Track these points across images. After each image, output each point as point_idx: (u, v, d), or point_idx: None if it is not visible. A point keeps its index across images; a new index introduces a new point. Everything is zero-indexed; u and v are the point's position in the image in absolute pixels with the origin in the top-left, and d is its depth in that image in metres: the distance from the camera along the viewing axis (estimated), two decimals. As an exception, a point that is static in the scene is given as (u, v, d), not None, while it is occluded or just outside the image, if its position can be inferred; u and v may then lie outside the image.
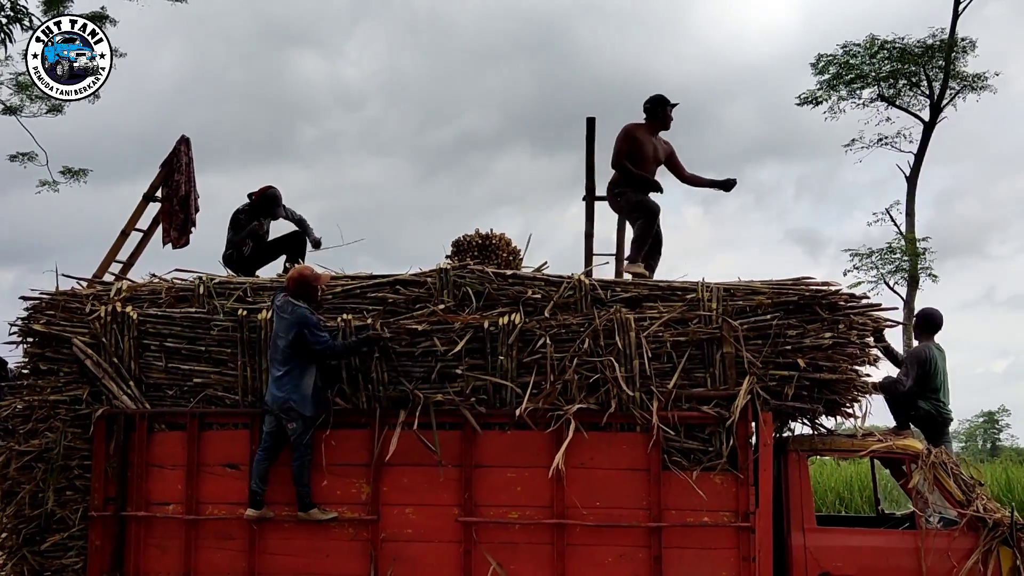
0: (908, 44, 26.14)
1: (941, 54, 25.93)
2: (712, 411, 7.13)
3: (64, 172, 22.50)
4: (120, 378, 7.68)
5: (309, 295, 7.40)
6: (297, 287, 7.40)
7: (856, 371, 7.25)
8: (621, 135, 8.41)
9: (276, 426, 7.31)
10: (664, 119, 8.57)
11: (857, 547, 7.15)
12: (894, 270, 27.75)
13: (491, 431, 7.36)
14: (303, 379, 7.24)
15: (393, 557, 7.32)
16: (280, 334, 7.25)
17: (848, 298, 7.34)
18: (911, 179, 27.39)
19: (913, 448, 7.31)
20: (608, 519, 7.17)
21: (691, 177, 8.78)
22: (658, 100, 8.54)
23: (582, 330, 7.28)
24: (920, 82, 26.83)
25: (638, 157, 8.46)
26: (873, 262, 27.97)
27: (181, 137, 9.04)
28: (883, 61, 26.43)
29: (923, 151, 27.29)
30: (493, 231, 9.01)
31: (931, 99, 26.90)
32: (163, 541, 7.55)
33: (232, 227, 8.86)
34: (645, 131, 8.51)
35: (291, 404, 7.18)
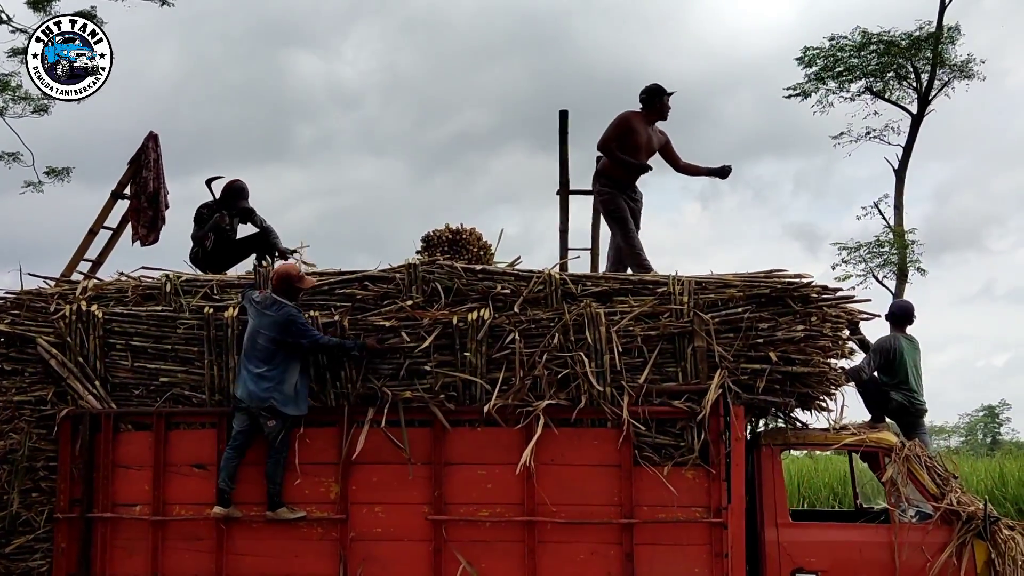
0: (895, 37, 26.09)
1: (929, 45, 25.88)
2: (683, 406, 7.05)
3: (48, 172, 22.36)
4: (85, 378, 7.57)
5: (291, 294, 7.31)
6: (282, 284, 7.30)
7: (829, 364, 7.17)
8: (615, 121, 8.29)
9: (248, 424, 7.21)
10: (661, 109, 8.45)
11: (831, 542, 7.09)
12: (883, 264, 27.76)
13: (461, 428, 7.28)
14: (286, 378, 7.13)
15: (363, 557, 7.22)
16: (262, 331, 7.14)
17: (821, 290, 7.26)
18: (899, 172, 27.37)
19: (886, 441, 7.25)
20: (579, 516, 7.09)
21: (686, 166, 8.67)
22: (654, 90, 8.42)
23: (552, 325, 7.20)
24: (908, 75, 26.79)
25: (631, 145, 8.32)
26: (862, 255, 27.97)
27: (149, 133, 8.93)
28: (871, 55, 26.38)
29: (911, 144, 27.27)
30: (463, 226, 8.92)
31: (919, 92, 26.87)
32: (130, 543, 7.44)
33: (196, 222, 8.75)
34: (641, 120, 8.39)
35: (273, 403, 7.07)
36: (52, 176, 22.33)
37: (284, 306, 7.16)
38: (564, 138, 8.95)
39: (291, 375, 7.17)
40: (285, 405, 7.12)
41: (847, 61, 26.66)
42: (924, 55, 26.23)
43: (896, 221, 27.28)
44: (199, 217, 8.73)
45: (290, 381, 7.16)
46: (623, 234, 8.15)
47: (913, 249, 27.14)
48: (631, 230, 8.16)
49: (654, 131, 8.45)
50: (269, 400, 7.07)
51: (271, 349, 7.11)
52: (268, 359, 7.12)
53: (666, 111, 8.46)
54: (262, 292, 7.35)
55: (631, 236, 8.14)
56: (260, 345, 7.15)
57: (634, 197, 8.41)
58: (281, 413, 7.11)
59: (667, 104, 8.44)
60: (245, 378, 7.19)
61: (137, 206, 8.77)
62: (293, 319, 7.10)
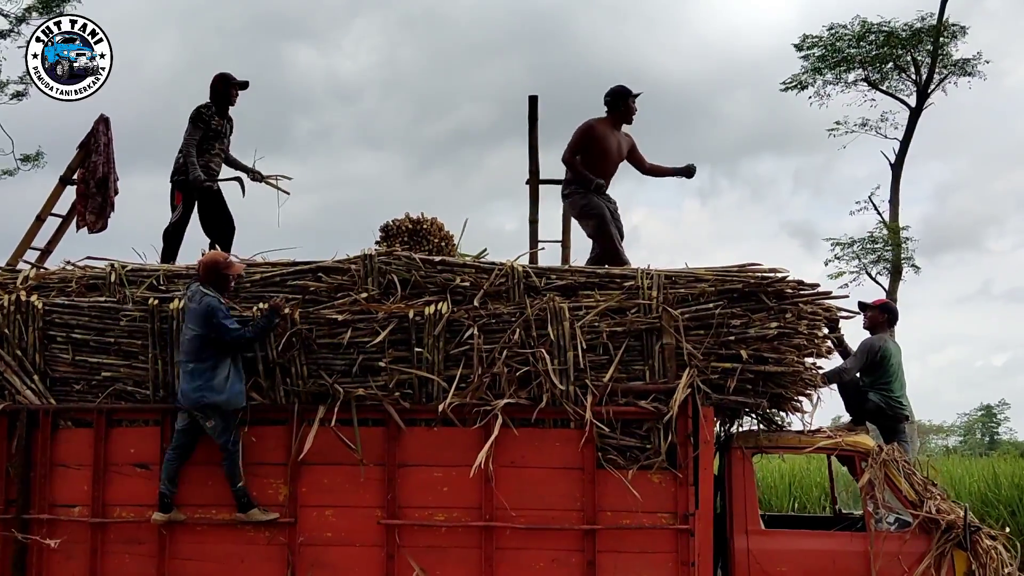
0: (895, 27, 25.67)
1: (929, 37, 25.46)
2: (650, 406, 6.70)
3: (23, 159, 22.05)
4: (23, 371, 7.20)
5: (220, 284, 6.90)
6: (208, 274, 6.90)
7: (804, 363, 6.82)
8: (579, 130, 7.99)
9: (189, 424, 6.83)
10: (626, 112, 8.13)
11: (804, 550, 6.74)
12: (876, 260, 27.36)
13: (416, 428, 6.92)
14: (216, 372, 6.72)
15: (312, 562, 6.86)
16: (189, 325, 6.77)
17: (796, 286, 6.90)
18: (896, 167, 26.97)
19: (863, 445, 6.90)
20: (540, 521, 6.73)
21: (652, 168, 8.43)
22: (619, 92, 8.10)
23: (513, 320, 6.84)
24: (907, 67, 26.37)
25: (598, 152, 8.05)
26: (855, 252, 27.57)
27: (100, 116, 8.54)
28: (870, 45, 25.92)
29: (909, 138, 26.83)
30: (424, 215, 8.54)
31: (917, 85, 26.44)
32: (68, 546, 7.04)
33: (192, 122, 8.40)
34: (607, 125, 8.08)
35: (205, 400, 6.68)
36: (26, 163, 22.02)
37: (206, 296, 6.77)
38: (534, 125, 8.57)
39: (222, 369, 6.75)
40: (219, 401, 6.71)
41: (845, 51, 26.21)
42: (924, 47, 25.80)
43: (891, 217, 26.86)
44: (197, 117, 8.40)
45: (221, 375, 6.73)
46: (600, 228, 7.83)
47: (907, 246, 26.75)
48: (608, 223, 7.84)
49: (620, 135, 8.14)
50: (200, 398, 6.67)
51: (196, 343, 6.72)
52: (196, 354, 6.72)
53: (631, 114, 8.15)
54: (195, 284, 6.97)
55: (609, 231, 7.82)
56: (187, 339, 6.77)
57: (607, 202, 8.08)
58: (218, 409, 6.72)
59: (633, 107, 8.13)
60: (181, 375, 6.82)
61: (84, 191, 8.37)
62: (213, 311, 6.68)
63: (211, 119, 8.47)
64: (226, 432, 6.77)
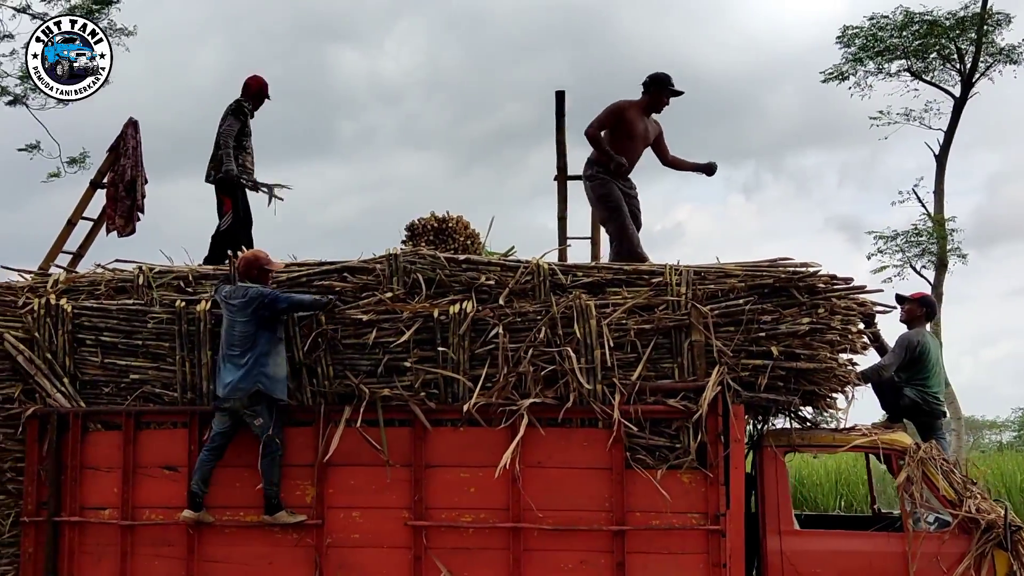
0: (938, 16, 25.16)
1: (973, 26, 24.93)
2: (679, 404, 6.57)
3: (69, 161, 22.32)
4: (53, 375, 7.24)
5: (261, 280, 6.95)
6: (248, 269, 6.96)
7: (837, 359, 6.65)
8: (609, 108, 7.80)
9: (229, 426, 6.82)
10: (658, 102, 7.94)
11: (839, 551, 6.57)
12: (921, 253, 26.85)
13: (442, 428, 6.85)
14: (271, 360, 6.75)
15: (339, 564, 6.82)
16: (237, 320, 6.77)
17: (829, 280, 6.73)
18: (940, 158, 26.43)
19: (900, 443, 6.71)
20: (567, 522, 6.63)
21: (673, 160, 8.25)
22: (658, 79, 7.87)
23: (539, 318, 6.74)
24: (951, 55, 25.83)
25: (626, 135, 7.87)
26: (898, 245, 27.07)
27: (128, 120, 8.57)
28: (912, 35, 25.42)
29: (953, 128, 26.26)
30: (449, 213, 8.47)
31: (962, 74, 25.89)
32: (98, 548, 7.09)
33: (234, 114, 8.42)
34: (638, 109, 7.91)
35: (260, 388, 6.66)
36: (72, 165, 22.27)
37: (250, 288, 6.82)
38: (561, 120, 8.46)
39: (278, 357, 6.81)
40: (275, 390, 6.74)
41: (887, 40, 25.72)
42: (968, 35, 25.26)
43: (936, 208, 26.29)
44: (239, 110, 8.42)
45: (275, 363, 6.78)
46: (617, 223, 7.68)
47: (953, 237, 26.20)
48: (625, 217, 7.67)
49: (649, 121, 7.98)
50: (255, 385, 6.66)
51: (249, 333, 6.72)
52: (249, 345, 6.72)
53: (662, 105, 7.95)
54: (232, 285, 6.98)
55: (625, 225, 7.66)
56: (238, 333, 6.76)
57: (627, 187, 7.92)
58: (271, 400, 6.72)
59: (666, 100, 7.93)
60: (226, 372, 6.79)
61: (113, 195, 8.41)
62: (261, 292, 6.77)
63: (248, 116, 8.48)
64: (269, 427, 6.75)
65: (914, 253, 26.67)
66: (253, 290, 6.80)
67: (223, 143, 8.41)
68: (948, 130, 26.21)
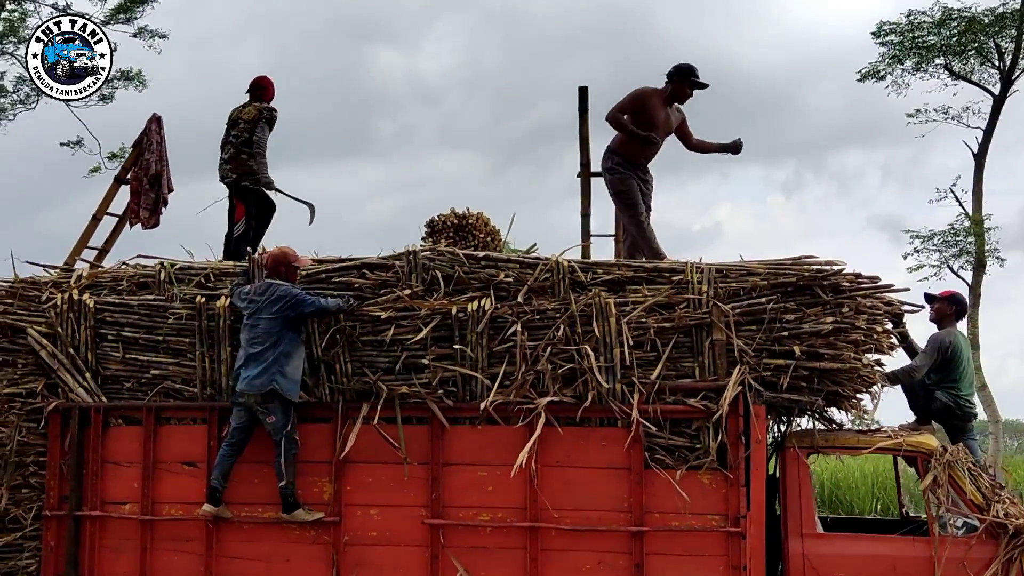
0: (977, 13, 24.71)
1: (1013, 23, 24.45)
2: (699, 404, 6.47)
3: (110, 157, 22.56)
4: (76, 369, 7.28)
5: (289, 277, 6.95)
6: (276, 266, 6.94)
7: (861, 360, 6.52)
8: (632, 94, 7.73)
9: (246, 421, 6.82)
10: (681, 92, 7.87)
11: (863, 555, 6.44)
12: (958, 253, 26.40)
13: (460, 426, 6.80)
14: (291, 361, 6.73)
15: (356, 562, 6.80)
16: (262, 316, 6.74)
17: (854, 279, 6.60)
18: (979, 156, 25.98)
19: (926, 445, 6.56)
20: (586, 522, 6.56)
21: (698, 144, 8.14)
22: (682, 69, 7.81)
23: (558, 316, 6.67)
24: (989, 53, 25.36)
25: (647, 123, 7.79)
26: (935, 245, 26.64)
27: (152, 115, 8.61)
28: (951, 31, 24.98)
29: (992, 126, 25.80)
30: (470, 210, 8.41)
31: (1001, 72, 25.42)
32: (118, 542, 7.11)
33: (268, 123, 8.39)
34: (660, 97, 7.82)
35: (275, 387, 6.64)
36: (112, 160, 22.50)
37: (278, 286, 6.80)
38: (584, 117, 8.36)
39: (297, 359, 6.79)
40: (290, 391, 6.72)
41: (924, 39, 25.30)
42: (1008, 32, 24.78)
43: (974, 208, 25.84)
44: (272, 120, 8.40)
45: (294, 364, 6.76)
46: (632, 217, 7.62)
47: (990, 237, 25.73)
48: (640, 213, 7.60)
49: (672, 110, 7.88)
50: (271, 384, 6.64)
51: (273, 331, 6.70)
52: (272, 342, 6.70)
53: (685, 97, 7.89)
54: (252, 284, 6.97)
55: (641, 220, 7.59)
56: (262, 330, 6.73)
57: (645, 178, 7.85)
58: (284, 400, 6.70)
59: (689, 91, 7.86)
60: (244, 367, 6.77)
61: (137, 188, 8.45)
62: (289, 292, 6.74)
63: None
64: (284, 427, 6.74)
65: (951, 253, 26.25)
66: (281, 289, 6.77)
67: (257, 152, 8.39)
68: (987, 129, 25.72)
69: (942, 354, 7.21)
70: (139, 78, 23.17)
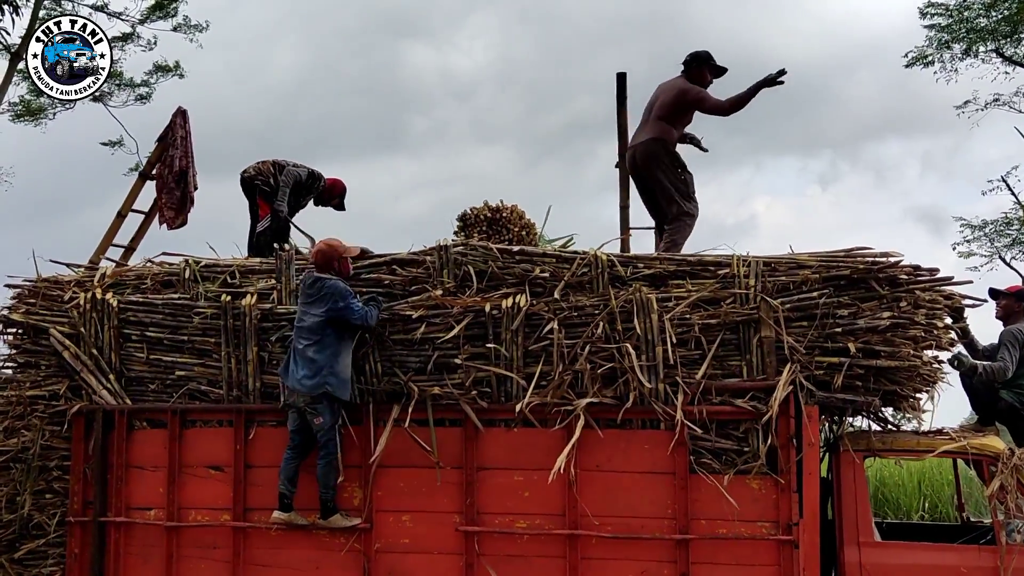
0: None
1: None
2: (747, 405, 6.11)
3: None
4: (99, 371, 7.08)
5: (342, 270, 6.67)
6: (328, 262, 6.65)
7: (921, 357, 6.13)
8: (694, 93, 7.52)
9: (300, 423, 6.56)
10: (701, 79, 7.62)
11: (924, 566, 6.05)
12: (1011, 243, 25.69)
13: (495, 428, 6.50)
14: (339, 360, 6.45)
15: (388, 570, 6.53)
16: (310, 312, 6.47)
17: (912, 271, 6.21)
18: (1033, 143, 25.29)
19: (992, 448, 6.16)
20: (628, 529, 6.23)
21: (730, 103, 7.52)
22: (699, 56, 7.60)
23: (597, 313, 6.34)
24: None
25: (688, 119, 7.63)
26: (987, 234, 25.95)
27: (177, 109, 8.37)
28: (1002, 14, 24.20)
29: (1047, 111, 25.02)
30: (503, 203, 8.08)
31: (1053, 54, 24.62)
32: (144, 549, 6.92)
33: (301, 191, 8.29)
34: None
35: (327, 389, 6.37)
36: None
37: (328, 281, 6.50)
38: (623, 104, 7.97)
39: (345, 358, 6.50)
40: (341, 391, 6.44)
41: (974, 20, 24.55)
42: (1060, 12, 23.98)
43: (1028, 196, 25.17)
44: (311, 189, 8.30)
45: (344, 362, 6.48)
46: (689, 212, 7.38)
47: (1043, 228, 25.01)
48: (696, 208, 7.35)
49: None
50: (323, 386, 6.36)
51: (318, 327, 6.42)
52: (318, 339, 6.42)
53: (707, 84, 7.63)
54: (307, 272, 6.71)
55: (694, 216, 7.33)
56: (308, 325, 6.46)
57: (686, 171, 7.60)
58: (335, 401, 6.43)
59: (709, 77, 7.62)
60: (295, 366, 6.49)
61: (163, 187, 8.21)
62: (340, 292, 6.43)
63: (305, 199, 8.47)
64: (332, 430, 6.49)
65: (1004, 244, 25.58)
66: (330, 287, 6.46)
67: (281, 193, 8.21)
68: (1041, 113, 24.99)
69: (1021, 349, 6.78)
70: (178, 69, 23.11)
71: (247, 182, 8.09)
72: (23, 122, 22.75)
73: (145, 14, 22.72)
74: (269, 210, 8.11)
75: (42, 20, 21.28)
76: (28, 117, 22.66)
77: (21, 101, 22.54)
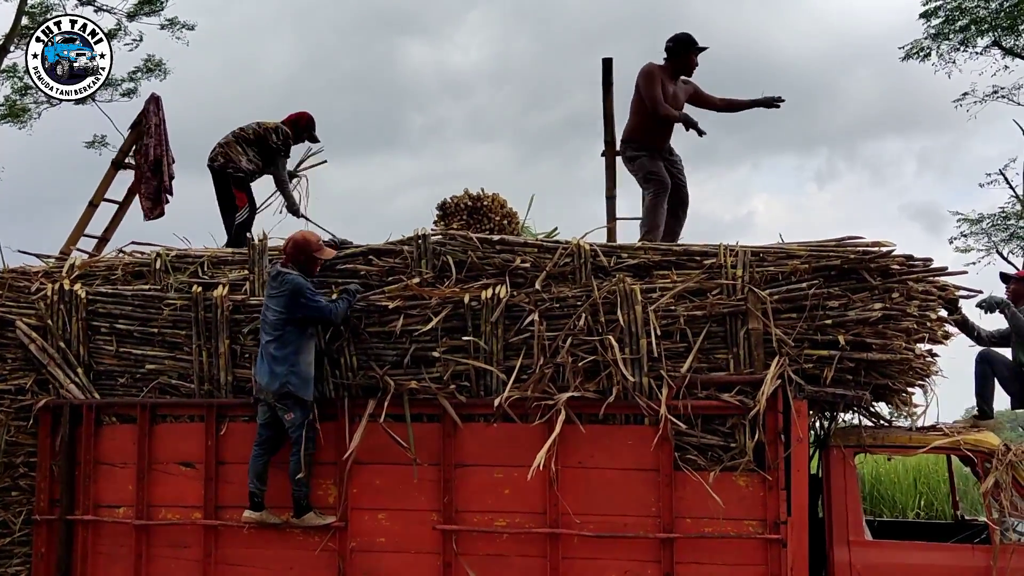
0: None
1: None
2: (734, 399, 5.90)
3: None
4: (67, 364, 6.87)
5: (307, 267, 6.42)
6: (297, 253, 6.40)
7: (913, 350, 5.93)
8: (646, 78, 7.31)
9: (270, 417, 6.33)
10: (687, 64, 7.45)
11: (916, 565, 5.86)
12: (1008, 238, 25.53)
13: (474, 424, 6.29)
14: (300, 358, 6.21)
15: (364, 570, 6.32)
16: (271, 307, 6.26)
17: (905, 261, 6.00)
18: (1030, 136, 25.06)
19: (986, 444, 5.97)
20: (611, 528, 6.03)
21: (727, 103, 7.64)
22: (681, 39, 7.41)
23: (579, 304, 6.14)
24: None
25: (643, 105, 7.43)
26: (984, 228, 25.78)
27: (151, 96, 8.15)
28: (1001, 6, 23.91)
29: (1045, 103, 24.79)
30: (484, 191, 7.86)
31: (1053, 46, 24.38)
32: (113, 548, 6.72)
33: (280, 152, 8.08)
34: (666, 73, 7.40)
35: (289, 388, 6.16)
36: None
37: (288, 275, 6.26)
38: (608, 90, 7.75)
39: (306, 355, 6.26)
40: (303, 390, 6.21)
41: (973, 12, 24.25)
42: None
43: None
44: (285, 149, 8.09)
45: (305, 360, 6.24)
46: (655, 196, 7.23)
47: (1041, 222, 24.84)
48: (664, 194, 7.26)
49: (679, 85, 7.44)
50: (286, 385, 6.15)
51: (280, 323, 6.19)
52: (279, 335, 6.19)
53: (692, 67, 7.47)
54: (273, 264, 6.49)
55: (661, 202, 7.24)
56: (271, 321, 6.24)
57: (672, 159, 7.44)
58: (299, 400, 6.21)
59: (695, 60, 7.44)
60: (260, 363, 6.29)
61: (141, 176, 7.98)
62: (300, 289, 6.18)
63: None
64: (303, 424, 6.26)
65: (1001, 238, 25.42)
66: (293, 284, 6.22)
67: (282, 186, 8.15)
68: (1038, 106, 24.78)
69: None
70: (161, 67, 22.85)
71: (218, 172, 7.85)
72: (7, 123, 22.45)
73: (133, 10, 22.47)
74: (246, 200, 7.90)
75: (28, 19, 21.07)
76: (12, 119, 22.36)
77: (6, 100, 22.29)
